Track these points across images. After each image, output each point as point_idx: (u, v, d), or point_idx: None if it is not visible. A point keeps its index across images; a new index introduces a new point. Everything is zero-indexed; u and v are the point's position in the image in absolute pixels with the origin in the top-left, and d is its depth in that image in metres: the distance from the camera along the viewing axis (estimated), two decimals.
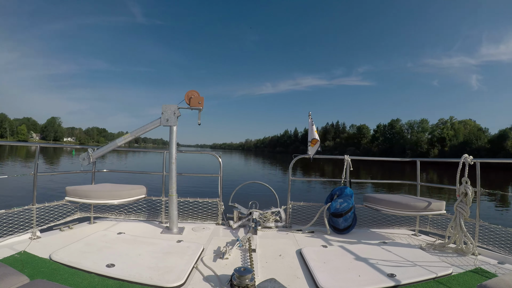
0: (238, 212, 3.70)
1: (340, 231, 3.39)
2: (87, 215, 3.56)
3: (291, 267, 2.33)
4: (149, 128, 3.26)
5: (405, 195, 3.52)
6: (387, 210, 3.22)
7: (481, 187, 2.84)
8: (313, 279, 2.09)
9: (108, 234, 2.93)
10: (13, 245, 2.53)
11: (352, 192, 3.46)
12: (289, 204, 3.69)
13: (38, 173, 3.01)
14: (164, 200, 3.65)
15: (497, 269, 2.36)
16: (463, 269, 2.35)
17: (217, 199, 3.69)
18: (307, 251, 2.61)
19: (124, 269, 2.10)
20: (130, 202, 3.36)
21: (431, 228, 3.48)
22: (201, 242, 2.84)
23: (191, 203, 3.77)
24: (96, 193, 3.02)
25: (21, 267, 2.08)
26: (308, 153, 3.64)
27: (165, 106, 3.23)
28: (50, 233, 2.97)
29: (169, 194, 3.24)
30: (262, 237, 3.11)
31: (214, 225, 3.57)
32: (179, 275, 2.04)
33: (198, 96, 3.30)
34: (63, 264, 2.16)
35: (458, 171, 2.83)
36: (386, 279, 2.08)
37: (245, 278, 1.78)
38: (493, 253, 2.70)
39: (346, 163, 3.71)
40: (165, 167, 3.66)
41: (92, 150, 3.30)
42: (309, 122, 3.66)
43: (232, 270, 1.90)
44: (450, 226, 2.90)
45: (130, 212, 3.79)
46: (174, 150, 3.25)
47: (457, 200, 2.86)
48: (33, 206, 2.92)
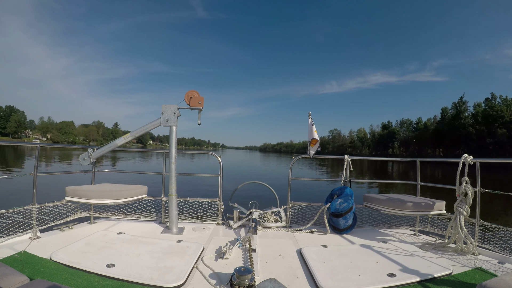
0: (238, 212, 3.70)
1: (340, 231, 3.39)
2: (87, 215, 3.56)
3: (291, 267, 2.33)
4: (149, 128, 3.27)
5: (405, 195, 3.52)
6: (387, 210, 3.22)
7: (481, 187, 2.84)
8: (313, 279, 2.09)
9: (108, 234, 2.94)
10: (13, 245, 2.53)
11: (352, 192, 3.46)
12: (289, 204, 3.69)
13: (38, 173, 3.01)
14: (164, 200, 3.65)
15: (497, 269, 2.36)
16: (463, 269, 2.35)
17: (217, 199, 3.69)
18: (307, 251, 2.61)
19: (124, 269, 2.10)
20: (130, 202, 3.36)
21: (431, 228, 3.48)
22: (201, 242, 2.84)
23: (191, 203, 3.77)
24: (96, 193, 3.02)
25: (21, 267, 2.08)
26: (308, 153, 3.64)
27: (165, 106, 3.24)
28: (50, 233, 2.97)
29: (169, 194, 3.24)
30: (262, 237, 3.11)
31: (214, 225, 3.57)
32: (179, 275, 2.04)
33: (198, 96, 3.31)
34: (63, 264, 2.16)
35: (458, 171, 2.83)
36: (386, 279, 2.08)
37: (245, 278, 1.78)
38: (493, 253, 2.70)
39: (346, 163, 3.71)
40: (165, 167, 3.66)
41: (92, 150, 3.30)
42: (309, 122, 3.66)
43: (232, 270, 1.90)
44: (450, 226, 2.89)
45: (130, 212, 3.79)
46: (174, 150, 3.25)
47: (457, 200, 2.86)
48: (33, 206, 2.92)
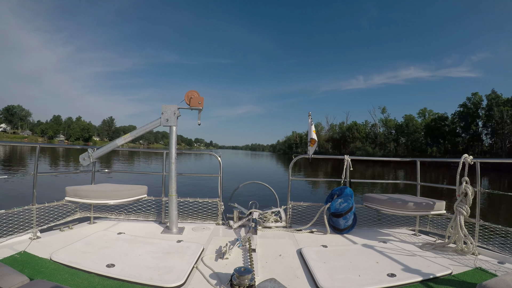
0: (238, 212, 3.70)
1: (340, 231, 3.39)
2: (87, 215, 3.56)
3: (291, 267, 2.33)
4: (149, 128, 3.27)
5: (405, 195, 3.52)
6: (387, 210, 3.22)
7: (481, 187, 2.84)
8: (313, 279, 2.09)
9: (108, 234, 2.94)
10: (13, 245, 2.53)
11: (352, 192, 3.46)
12: (289, 204, 3.69)
13: (38, 173, 3.01)
14: (164, 200, 3.65)
15: (497, 269, 2.36)
16: (463, 269, 2.35)
17: (217, 199, 3.69)
18: (307, 251, 2.61)
19: (124, 269, 2.10)
20: (130, 202, 3.36)
21: (431, 228, 3.48)
22: (201, 242, 2.84)
23: (191, 203, 3.77)
24: (96, 193, 3.02)
25: (21, 267, 2.08)
26: (308, 153, 3.64)
27: (165, 106, 3.24)
28: (50, 233, 2.97)
29: (169, 194, 3.24)
30: (262, 237, 3.11)
31: (214, 225, 3.57)
32: (179, 275, 2.04)
33: (198, 96, 3.31)
34: (63, 264, 2.16)
35: (458, 171, 2.83)
36: (386, 279, 2.08)
37: (245, 278, 1.78)
38: (493, 253, 2.70)
39: (346, 163, 3.71)
40: (164, 167, 3.66)
41: (92, 150, 3.30)
42: (308, 122, 3.66)
43: (232, 270, 1.90)
44: (450, 226, 2.90)
45: (130, 212, 3.79)
46: (174, 150, 3.25)
47: (457, 200, 2.87)
48: (33, 206, 2.92)
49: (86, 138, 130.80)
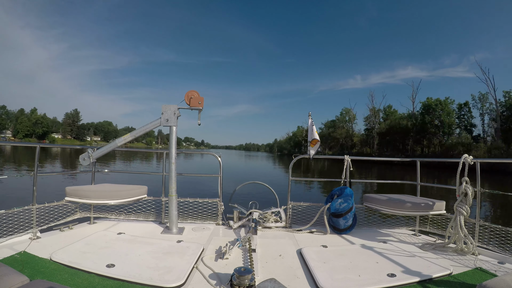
0: (238, 212, 3.70)
1: (340, 231, 3.39)
2: (87, 215, 3.56)
3: (291, 267, 2.33)
4: (149, 128, 3.27)
5: (405, 195, 3.52)
6: (387, 210, 3.22)
7: (481, 187, 2.84)
8: (313, 279, 2.09)
9: (108, 234, 2.94)
10: (13, 245, 2.53)
11: (352, 192, 3.46)
12: (289, 204, 3.69)
13: (38, 173, 3.01)
14: (164, 200, 3.65)
15: (497, 269, 2.36)
16: (463, 269, 2.35)
17: (217, 199, 3.69)
18: (307, 251, 2.61)
19: (124, 269, 2.10)
20: (130, 202, 3.36)
21: (431, 228, 3.48)
22: (201, 242, 2.84)
23: (191, 203, 3.77)
24: (96, 193, 3.02)
25: (21, 267, 2.08)
26: (308, 153, 3.64)
27: (165, 106, 3.24)
28: (50, 233, 2.97)
29: (169, 194, 3.24)
30: (262, 237, 3.11)
31: (214, 225, 3.57)
32: (179, 275, 2.04)
33: (198, 96, 3.31)
34: (63, 264, 2.16)
35: (458, 171, 2.83)
36: (386, 279, 2.08)
37: (245, 278, 1.78)
38: (493, 253, 2.70)
39: (346, 163, 3.71)
40: (164, 167, 3.66)
41: (92, 150, 3.30)
42: (309, 123, 3.67)
43: (232, 270, 1.90)
44: (450, 226, 2.90)
45: (130, 212, 3.79)
46: (174, 150, 3.25)
47: (457, 200, 2.87)
48: (33, 206, 2.92)
49: (40, 134, 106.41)
